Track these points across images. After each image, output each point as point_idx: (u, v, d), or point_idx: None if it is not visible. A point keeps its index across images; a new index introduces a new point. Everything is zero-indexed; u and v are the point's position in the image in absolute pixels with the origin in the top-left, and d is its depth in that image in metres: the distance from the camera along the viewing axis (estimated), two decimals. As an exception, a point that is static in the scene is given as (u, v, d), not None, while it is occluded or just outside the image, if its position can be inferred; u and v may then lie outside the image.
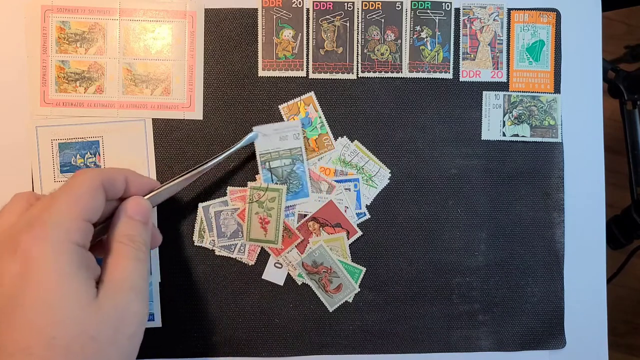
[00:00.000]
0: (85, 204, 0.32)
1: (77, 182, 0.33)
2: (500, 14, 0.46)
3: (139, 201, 0.36)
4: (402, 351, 0.45)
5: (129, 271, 0.33)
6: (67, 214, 0.31)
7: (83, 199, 0.32)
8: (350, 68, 0.45)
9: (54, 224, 0.30)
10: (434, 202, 0.45)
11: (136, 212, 0.36)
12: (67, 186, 0.33)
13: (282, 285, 0.45)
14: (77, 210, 0.32)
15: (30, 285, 0.29)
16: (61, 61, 0.44)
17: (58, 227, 0.30)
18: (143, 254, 0.35)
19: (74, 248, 0.30)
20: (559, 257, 0.46)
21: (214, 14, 0.45)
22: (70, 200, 0.32)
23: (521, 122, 0.46)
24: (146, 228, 0.36)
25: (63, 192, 0.32)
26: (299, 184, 0.44)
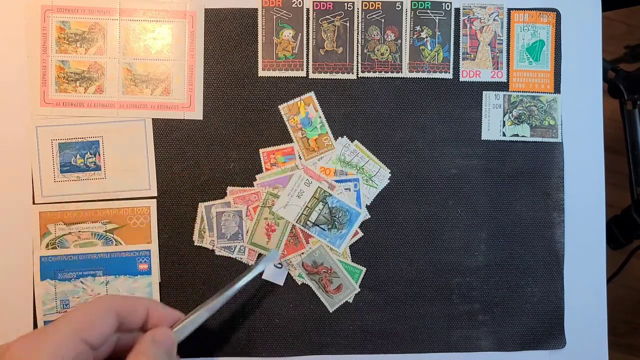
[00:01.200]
0: (87, 322, 0.32)
1: (91, 302, 0.33)
2: (500, 14, 0.46)
3: (168, 332, 0.35)
4: (402, 351, 0.45)
5: None
6: (61, 329, 0.31)
7: (87, 317, 0.32)
8: (350, 68, 0.45)
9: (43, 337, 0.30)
10: (434, 202, 0.45)
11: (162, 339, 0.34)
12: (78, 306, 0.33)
13: (282, 285, 0.45)
14: (74, 327, 0.31)
15: None
16: (61, 61, 0.44)
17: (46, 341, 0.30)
18: None
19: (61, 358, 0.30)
20: (559, 257, 0.46)
21: (214, 14, 0.45)
22: (73, 317, 0.32)
23: (521, 122, 0.46)
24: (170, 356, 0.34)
25: (71, 311, 0.32)
26: (345, 212, 0.44)
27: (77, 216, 0.44)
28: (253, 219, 0.44)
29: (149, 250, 0.44)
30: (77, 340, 0.31)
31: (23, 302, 0.44)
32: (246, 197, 0.44)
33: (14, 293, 0.44)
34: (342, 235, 0.44)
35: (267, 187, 0.44)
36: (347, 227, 0.44)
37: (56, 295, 0.44)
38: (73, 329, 0.31)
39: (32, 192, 0.44)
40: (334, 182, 0.45)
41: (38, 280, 0.44)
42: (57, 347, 0.30)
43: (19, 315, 0.44)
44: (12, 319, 0.44)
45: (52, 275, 0.44)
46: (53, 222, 0.44)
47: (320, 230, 0.43)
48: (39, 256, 0.44)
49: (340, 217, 0.43)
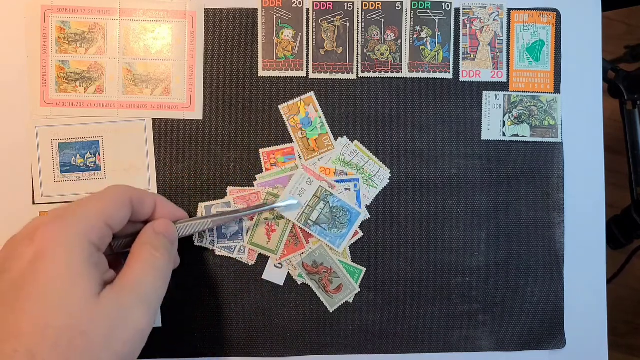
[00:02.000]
0: (110, 208, 0.33)
1: (107, 191, 0.35)
2: (500, 14, 0.46)
3: (167, 222, 0.37)
4: (402, 351, 0.45)
5: (141, 277, 0.33)
6: (89, 213, 0.32)
7: (109, 204, 0.34)
8: (350, 68, 0.45)
9: (74, 218, 0.31)
10: (434, 202, 0.45)
11: (163, 229, 0.36)
12: (97, 193, 0.34)
13: (282, 285, 0.45)
14: (100, 211, 0.33)
15: (37, 273, 0.29)
16: (61, 61, 0.44)
17: (77, 222, 0.31)
18: (162, 264, 0.34)
19: (87, 245, 0.31)
20: (559, 257, 0.46)
21: (214, 14, 0.45)
22: (96, 202, 0.33)
23: (521, 122, 0.46)
24: (172, 245, 0.36)
25: (92, 196, 0.34)
26: (345, 212, 0.44)
27: (77, 216, 0.44)
28: (253, 219, 0.44)
29: (149, 250, 0.44)
30: (102, 224, 0.33)
31: (23, 302, 0.44)
32: (246, 197, 0.44)
33: (14, 293, 0.44)
34: (342, 235, 0.44)
35: (267, 187, 0.44)
36: (347, 227, 0.44)
37: (56, 295, 0.44)
38: (100, 214, 0.32)
39: (32, 192, 0.44)
40: (334, 182, 0.45)
41: (38, 280, 0.44)
42: (86, 230, 0.31)
43: (19, 315, 0.44)
44: (12, 319, 0.44)
45: (52, 275, 0.44)
46: (53, 222, 0.44)
47: (320, 229, 0.43)
48: (39, 256, 0.44)
49: (340, 217, 0.43)
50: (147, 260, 0.34)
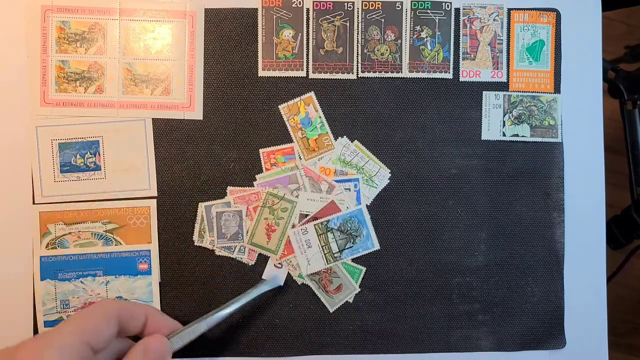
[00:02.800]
0: (92, 327, 0.33)
1: (92, 307, 0.34)
2: (500, 14, 0.46)
3: (162, 340, 0.36)
4: (402, 351, 0.45)
5: None
6: (67, 332, 0.32)
7: (91, 322, 0.33)
8: (350, 68, 0.45)
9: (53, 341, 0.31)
10: (434, 202, 0.45)
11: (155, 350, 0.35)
12: (84, 310, 0.34)
13: (282, 285, 0.45)
14: (80, 330, 0.32)
15: None
16: (61, 61, 0.44)
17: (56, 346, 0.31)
18: None
19: None
20: (559, 257, 0.46)
21: (214, 14, 0.45)
22: (78, 320, 0.33)
23: (521, 122, 0.46)
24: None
25: (75, 315, 0.33)
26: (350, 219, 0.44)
27: (77, 216, 0.44)
28: (253, 219, 0.44)
29: (149, 250, 0.44)
30: (82, 344, 0.32)
31: (23, 302, 0.44)
32: (246, 197, 0.44)
33: (14, 293, 0.44)
34: (367, 235, 0.44)
35: (267, 187, 0.44)
36: (364, 227, 0.44)
37: (56, 295, 0.44)
38: (78, 333, 0.32)
39: (32, 192, 0.44)
40: (334, 182, 0.45)
41: (38, 280, 0.44)
42: (63, 351, 0.31)
43: (19, 315, 0.44)
44: (12, 319, 0.44)
45: (52, 275, 0.44)
46: (53, 222, 0.44)
47: (350, 251, 0.44)
48: (39, 256, 0.44)
49: (351, 227, 0.44)
50: None
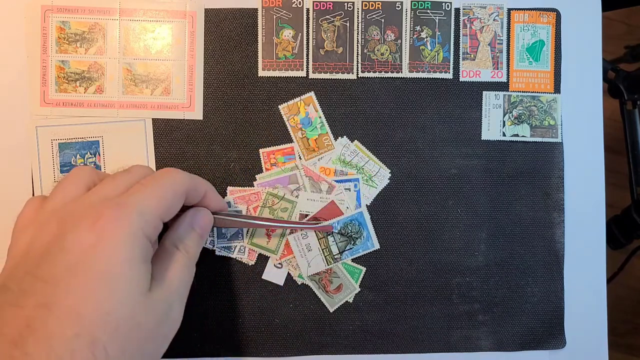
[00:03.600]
0: (167, 204, 0.34)
1: (168, 181, 0.35)
2: (500, 14, 0.46)
3: (207, 215, 0.38)
4: (402, 351, 0.45)
5: (179, 277, 0.34)
6: (151, 208, 0.33)
7: (166, 199, 0.34)
8: (350, 68, 0.45)
9: (138, 212, 0.32)
10: (434, 202, 0.45)
11: (200, 225, 0.37)
12: (156, 181, 0.34)
13: (282, 285, 0.45)
14: (158, 207, 0.33)
15: (100, 259, 0.29)
16: (61, 61, 0.44)
17: (140, 217, 0.32)
18: (193, 265, 0.36)
19: (144, 241, 0.32)
20: (559, 257, 0.46)
21: (214, 14, 0.45)
22: (158, 196, 0.33)
23: (521, 122, 0.46)
24: (201, 242, 0.37)
25: (152, 185, 0.34)
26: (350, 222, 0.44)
27: (77, 216, 0.44)
28: (253, 219, 0.44)
29: (149, 250, 0.44)
30: (158, 220, 0.33)
31: (23, 302, 0.44)
32: (246, 197, 0.44)
33: (14, 293, 0.44)
34: (367, 236, 0.44)
35: (267, 187, 0.44)
36: (364, 228, 0.44)
37: (56, 295, 0.44)
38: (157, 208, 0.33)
39: (32, 192, 0.44)
40: (334, 182, 0.45)
41: (38, 280, 0.44)
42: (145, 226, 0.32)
43: (19, 315, 0.44)
44: (12, 319, 0.44)
45: (52, 275, 0.44)
46: (53, 222, 0.44)
47: (350, 252, 0.44)
48: (39, 256, 0.44)
49: (352, 230, 0.44)
50: (182, 262, 0.35)
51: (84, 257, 0.29)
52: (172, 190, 0.34)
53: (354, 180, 0.45)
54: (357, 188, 0.45)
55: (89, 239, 0.30)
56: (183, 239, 0.36)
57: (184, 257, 0.35)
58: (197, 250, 0.37)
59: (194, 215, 0.37)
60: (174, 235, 0.36)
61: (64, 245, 0.30)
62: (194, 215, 0.37)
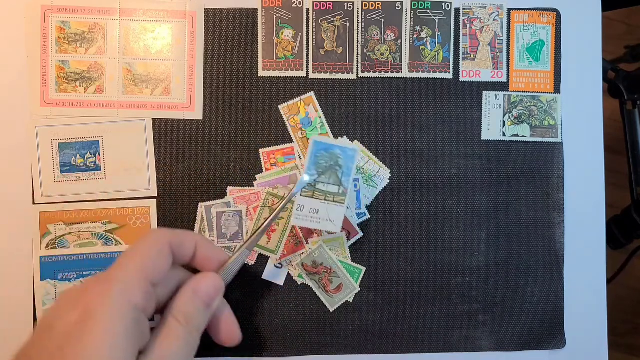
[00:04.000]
0: (149, 263, 0.32)
1: (145, 241, 0.33)
2: (500, 14, 0.46)
3: (211, 279, 0.35)
4: (402, 351, 0.45)
5: (173, 351, 0.32)
6: (132, 273, 0.31)
7: (148, 258, 0.32)
8: (350, 68, 0.45)
9: (119, 280, 0.31)
10: (434, 202, 0.45)
11: (204, 290, 0.35)
12: (136, 244, 0.33)
13: (282, 285, 0.45)
14: (139, 269, 0.32)
15: (84, 336, 0.29)
16: (61, 61, 0.44)
17: (123, 285, 0.31)
18: (193, 338, 0.34)
19: (131, 311, 0.30)
20: (559, 257, 0.46)
21: (214, 14, 0.45)
22: (135, 258, 0.32)
23: (521, 122, 0.46)
24: (206, 311, 0.35)
25: (131, 250, 0.33)
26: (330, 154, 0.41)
27: (77, 216, 0.44)
28: (253, 219, 0.44)
29: (149, 250, 0.44)
30: (144, 283, 0.32)
31: (23, 302, 0.44)
32: (246, 197, 0.44)
33: (14, 293, 0.44)
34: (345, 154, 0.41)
35: (267, 187, 0.44)
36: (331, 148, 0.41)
37: (56, 295, 0.44)
38: (139, 270, 0.32)
39: (32, 192, 0.44)
40: (334, 182, 0.44)
41: (38, 280, 0.44)
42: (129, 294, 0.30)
43: (19, 315, 0.44)
44: (12, 319, 0.44)
45: (52, 275, 0.44)
46: (53, 222, 0.44)
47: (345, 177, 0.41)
48: (39, 256, 0.44)
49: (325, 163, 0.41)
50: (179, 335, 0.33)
51: (69, 334, 0.29)
52: (155, 248, 0.33)
53: (354, 180, 0.45)
54: (357, 188, 0.45)
55: (73, 317, 0.29)
56: (183, 307, 0.34)
57: (182, 329, 0.33)
58: (201, 321, 0.34)
59: (198, 281, 0.35)
60: (174, 305, 0.34)
61: (50, 323, 0.30)
62: (198, 281, 0.35)
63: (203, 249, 0.36)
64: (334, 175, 0.41)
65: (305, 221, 0.40)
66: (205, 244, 0.37)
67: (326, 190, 0.41)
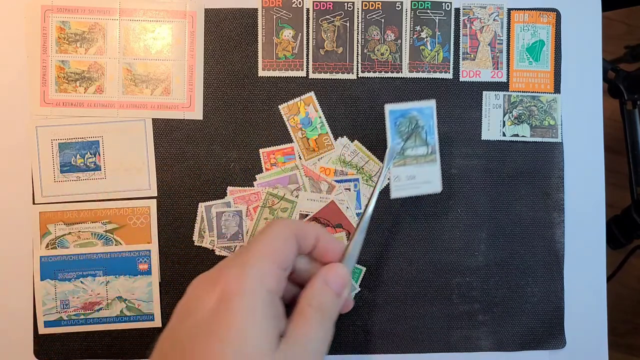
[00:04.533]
0: (280, 250, 0.34)
1: (273, 229, 0.35)
2: (500, 14, 0.46)
3: (339, 270, 0.37)
4: (402, 351, 0.45)
5: (312, 336, 0.33)
6: (263, 260, 0.33)
7: (278, 245, 0.34)
8: (350, 68, 0.45)
9: (252, 266, 0.32)
10: (434, 202, 0.45)
11: (334, 281, 0.36)
12: (263, 232, 0.35)
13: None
14: (272, 256, 0.33)
15: (224, 319, 0.30)
16: (61, 61, 0.44)
17: (257, 270, 0.32)
18: (328, 324, 0.35)
19: (267, 294, 0.32)
20: (559, 257, 0.46)
21: (214, 14, 0.45)
22: (267, 245, 0.33)
23: (521, 122, 0.46)
24: (338, 300, 0.36)
25: (260, 236, 0.34)
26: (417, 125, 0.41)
27: (77, 216, 0.44)
28: (253, 219, 0.44)
29: (149, 250, 0.44)
30: (276, 269, 0.33)
31: (23, 302, 0.44)
32: (246, 197, 0.44)
33: (14, 293, 0.44)
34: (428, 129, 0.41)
35: (267, 187, 0.44)
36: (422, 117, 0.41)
37: (56, 295, 0.44)
38: (272, 257, 0.33)
39: (32, 192, 0.44)
40: (334, 182, 0.45)
41: (38, 280, 0.44)
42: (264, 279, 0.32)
43: (19, 315, 0.44)
44: (12, 319, 0.44)
45: (52, 275, 0.44)
46: (53, 222, 0.44)
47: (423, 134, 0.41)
48: (39, 256, 0.44)
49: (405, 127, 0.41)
50: (315, 321, 0.34)
51: (208, 318, 0.30)
52: (282, 236, 0.35)
53: (354, 180, 0.45)
54: (357, 188, 0.45)
55: (212, 301, 0.31)
56: (317, 296, 0.35)
57: (317, 315, 0.34)
58: (334, 309, 0.36)
59: (327, 271, 0.36)
60: (307, 294, 0.35)
61: (191, 308, 0.31)
62: (327, 271, 0.36)
63: (324, 242, 0.38)
64: (419, 136, 0.41)
65: (405, 190, 0.41)
66: (325, 235, 0.38)
67: (415, 153, 0.41)
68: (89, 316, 0.44)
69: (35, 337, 0.44)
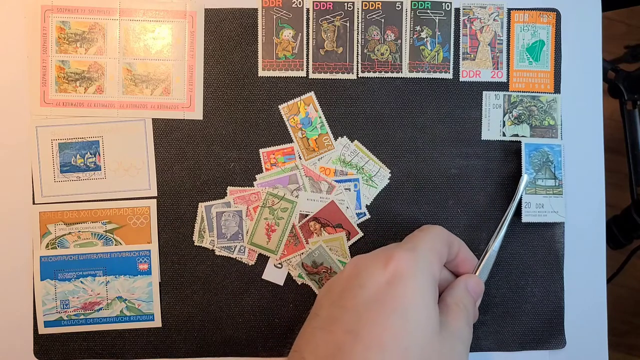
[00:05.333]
0: (440, 248, 0.37)
1: (433, 231, 0.38)
2: (500, 14, 0.46)
3: (479, 281, 0.40)
4: (402, 351, 0.45)
5: (463, 329, 0.36)
6: (433, 250, 0.36)
7: (439, 243, 0.37)
8: (350, 68, 0.45)
9: (423, 251, 0.35)
10: (434, 202, 0.45)
11: (473, 288, 0.39)
12: (423, 232, 0.38)
13: (282, 285, 0.45)
14: (436, 250, 0.36)
15: (395, 295, 0.32)
16: (61, 61, 0.44)
17: (425, 258, 0.34)
18: (471, 325, 0.38)
19: (434, 281, 0.34)
20: (559, 257, 0.46)
21: (214, 14, 0.45)
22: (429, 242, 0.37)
23: (521, 122, 0.46)
24: (475, 308, 0.39)
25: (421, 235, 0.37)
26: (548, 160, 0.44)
27: (77, 216, 0.44)
28: (253, 219, 0.44)
29: (149, 250, 0.44)
30: (439, 262, 0.36)
31: (23, 302, 0.44)
32: (246, 197, 0.44)
33: (14, 293, 0.44)
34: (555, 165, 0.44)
35: (267, 187, 0.44)
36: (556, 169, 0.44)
37: (56, 295, 0.44)
38: (435, 251, 0.36)
39: (32, 192, 0.44)
40: (334, 182, 0.45)
41: (38, 280, 0.44)
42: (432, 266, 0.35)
43: (19, 315, 0.44)
44: (12, 319, 0.44)
45: (52, 275, 0.44)
46: (53, 222, 0.44)
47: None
48: (39, 256, 0.44)
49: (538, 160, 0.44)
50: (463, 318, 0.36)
51: (381, 294, 0.32)
52: (441, 238, 0.38)
53: (354, 180, 0.45)
54: (357, 188, 0.45)
55: (383, 277, 0.33)
56: (462, 298, 0.37)
57: (465, 314, 0.36)
58: (473, 313, 0.38)
59: (467, 279, 0.39)
60: (454, 294, 0.38)
61: (360, 282, 0.33)
62: (467, 279, 0.39)
63: (464, 252, 0.40)
64: (548, 170, 0.44)
65: (534, 217, 0.44)
66: (465, 248, 0.41)
67: (545, 185, 0.44)
68: (89, 316, 0.44)
69: (35, 337, 0.44)
